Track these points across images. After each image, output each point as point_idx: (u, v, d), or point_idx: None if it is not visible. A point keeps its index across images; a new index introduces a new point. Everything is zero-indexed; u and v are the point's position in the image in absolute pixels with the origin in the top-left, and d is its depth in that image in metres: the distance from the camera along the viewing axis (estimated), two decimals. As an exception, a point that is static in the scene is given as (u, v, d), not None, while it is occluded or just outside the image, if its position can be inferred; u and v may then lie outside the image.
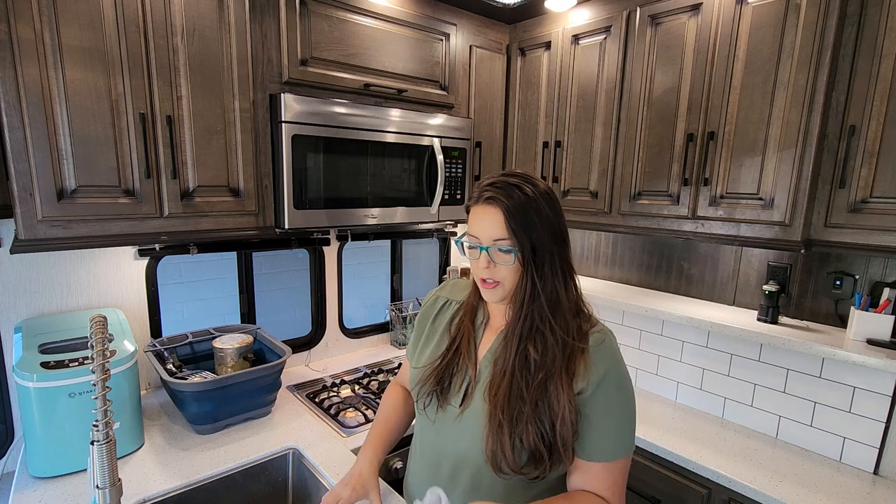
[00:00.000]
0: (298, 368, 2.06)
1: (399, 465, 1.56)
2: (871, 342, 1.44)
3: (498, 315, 0.98)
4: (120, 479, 0.87)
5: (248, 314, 2.01)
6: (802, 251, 1.41)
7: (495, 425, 0.85)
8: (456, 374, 0.96)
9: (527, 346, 0.86)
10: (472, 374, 0.95)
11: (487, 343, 0.97)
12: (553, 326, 0.85)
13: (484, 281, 0.89)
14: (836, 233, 1.38)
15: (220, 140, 1.43)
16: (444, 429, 0.96)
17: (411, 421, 1.19)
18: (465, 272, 2.52)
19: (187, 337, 1.70)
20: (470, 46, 2.04)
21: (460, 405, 0.93)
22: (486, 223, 0.86)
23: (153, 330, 1.74)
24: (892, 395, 1.45)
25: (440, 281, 2.63)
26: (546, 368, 0.84)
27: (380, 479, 1.30)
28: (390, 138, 1.74)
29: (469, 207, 0.92)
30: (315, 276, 2.14)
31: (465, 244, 0.92)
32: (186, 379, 1.46)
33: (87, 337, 1.17)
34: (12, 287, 1.45)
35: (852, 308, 1.51)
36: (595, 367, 0.84)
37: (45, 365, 1.21)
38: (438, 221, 1.97)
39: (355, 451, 1.43)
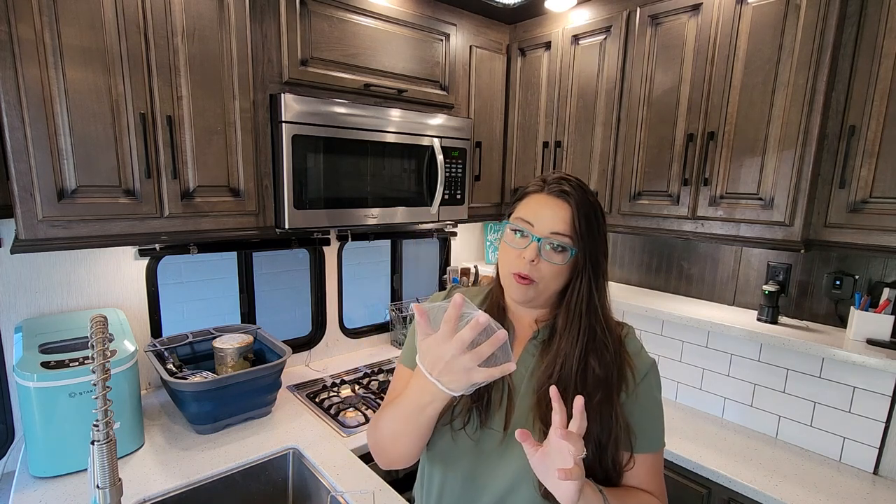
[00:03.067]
0: (298, 368, 2.06)
1: (399, 464, 1.56)
2: (870, 342, 1.44)
3: (525, 325, 0.90)
4: (120, 479, 0.87)
5: (249, 314, 2.01)
6: (802, 251, 1.41)
7: None
8: (493, 387, 0.84)
9: (588, 359, 0.81)
10: (511, 388, 0.85)
11: (515, 356, 0.87)
12: (608, 341, 0.82)
13: (517, 275, 0.82)
14: (835, 233, 1.38)
15: (220, 140, 1.43)
16: (483, 456, 0.84)
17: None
18: (464, 272, 2.52)
19: (187, 337, 1.70)
20: (470, 46, 2.04)
21: (504, 428, 0.83)
22: (549, 214, 0.81)
23: (153, 330, 1.74)
24: (891, 395, 1.45)
25: (440, 281, 2.63)
26: (605, 384, 0.80)
27: (382, 479, 1.30)
28: (390, 138, 1.74)
29: (527, 193, 0.86)
30: (315, 276, 2.14)
31: (511, 226, 0.84)
32: (186, 379, 1.46)
33: (87, 337, 1.17)
34: (12, 287, 1.45)
35: (852, 308, 1.51)
36: (638, 370, 0.84)
37: (45, 365, 1.21)
38: (438, 221, 1.97)
39: (355, 451, 1.44)
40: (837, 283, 1.56)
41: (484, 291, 0.97)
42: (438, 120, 1.87)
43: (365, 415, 1.64)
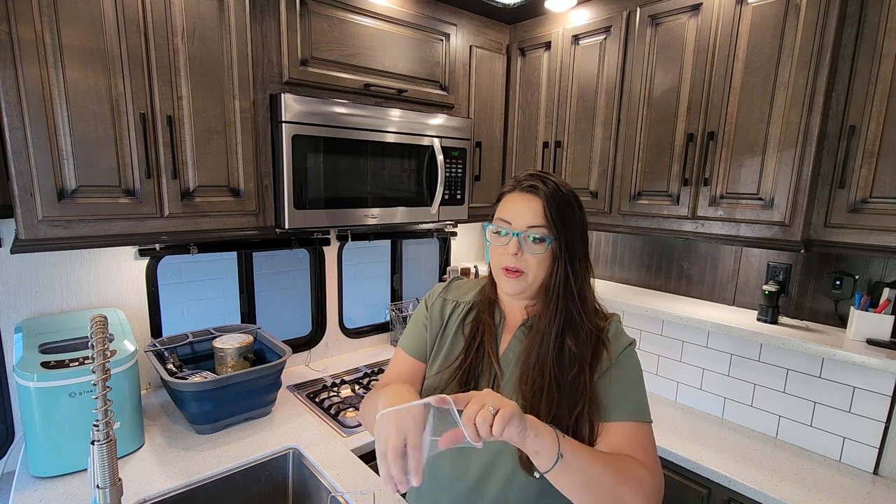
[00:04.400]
0: (298, 368, 2.06)
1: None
2: (870, 342, 1.44)
3: (515, 313, 0.96)
4: (120, 479, 0.87)
5: (249, 314, 2.01)
6: (802, 251, 1.41)
7: None
8: (481, 374, 0.92)
9: (564, 338, 0.87)
10: (498, 372, 0.92)
11: (506, 342, 0.95)
12: (584, 321, 0.88)
13: (507, 270, 0.88)
14: (835, 233, 1.38)
15: (220, 140, 1.43)
16: None
17: None
18: (465, 272, 2.52)
19: (187, 337, 1.70)
20: (470, 46, 2.04)
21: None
22: (523, 209, 0.87)
23: (153, 330, 1.74)
24: (891, 395, 1.45)
25: (440, 281, 2.63)
26: (580, 361, 0.86)
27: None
28: (390, 138, 1.74)
29: (503, 195, 0.92)
30: (315, 276, 2.14)
31: (493, 228, 0.91)
32: (186, 379, 1.46)
33: (87, 337, 1.17)
34: (12, 287, 1.45)
35: (852, 308, 1.51)
36: (614, 351, 0.88)
37: (45, 365, 1.21)
38: (438, 221, 1.97)
39: (355, 451, 1.44)
40: (837, 283, 1.56)
41: (479, 285, 1.04)
42: (438, 120, 1.87)
43: (365, 415, 1.64)
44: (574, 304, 0.88)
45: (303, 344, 2.12)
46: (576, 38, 1.91)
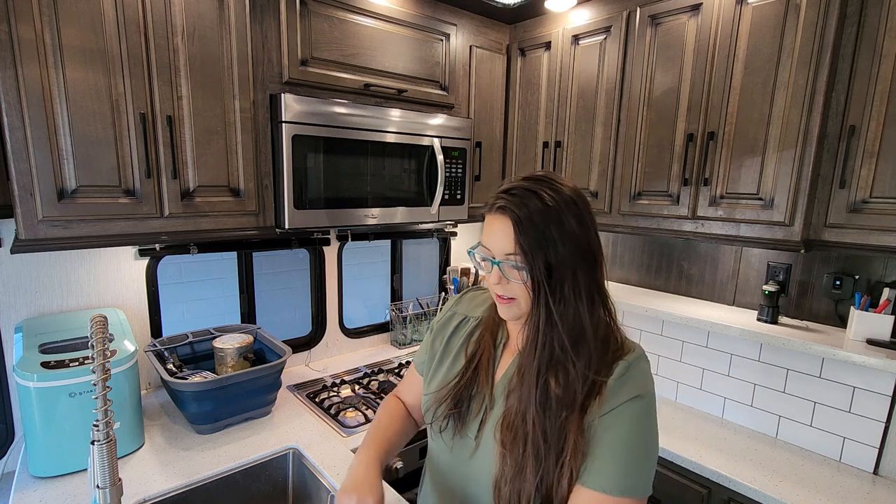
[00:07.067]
0: (298, 368, 2.06)
1: (399, 464, 1.56)
2: (870, 342, 1.44)
3: (518, 335, 0.90)
4: (120, 479, 0.87)
5: (249, 314, 2.01)
6: (802, 251, 1.41)
7: (510, 471, 0.76)
8: (474, 396, 0.87)
9: (547, 378, 0.76)
10: (488, 400, 0.86)
11: (504, 366, 0.89)
12: (574, 359, 0.74)
13: (499, 296, 0.82)
14: (836, 233, 1.38)
15: (220, 140, 1.43)
16: (459, 461, 0.89)
17: (411, 434, 1.09)
18: (465, 272, 2.52)
19: (187, 337, 1.70)
20: (470, 46, 2.04)
21: (475, 437, 0.85)
22: (498, 235, 0.77)
23: (153, 330, 1.74)
24: (891, 395, 1.45)
25: (440, 281, 2.63)
26: (568, 405, 0.74)
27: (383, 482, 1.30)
28: (390, 138, 1.74)
29: (484, 214, 0.84)
30: (315, 276, 2.14)
31: (478, 256, 0.83)
32: (186, 379, 1.46)
33: (87, 337, 1.17)
34: (12, 287, 1.45)
35: (852, 308, 1.51)
36: (612, 398, 0.74)
37: (45, 365, 1.21)
38: (438, 221, 1.97)
39: (355, 451, 1.43)
40: (837, 283, 1.56)
41: (492, 299, 0.97)
42: (438, 120, 1.87)
43: (365, 415, 1.64)
44: (559, 339, 0.75)
45: (303, 344, 2.12)
46: (576, 38, 1.91)
